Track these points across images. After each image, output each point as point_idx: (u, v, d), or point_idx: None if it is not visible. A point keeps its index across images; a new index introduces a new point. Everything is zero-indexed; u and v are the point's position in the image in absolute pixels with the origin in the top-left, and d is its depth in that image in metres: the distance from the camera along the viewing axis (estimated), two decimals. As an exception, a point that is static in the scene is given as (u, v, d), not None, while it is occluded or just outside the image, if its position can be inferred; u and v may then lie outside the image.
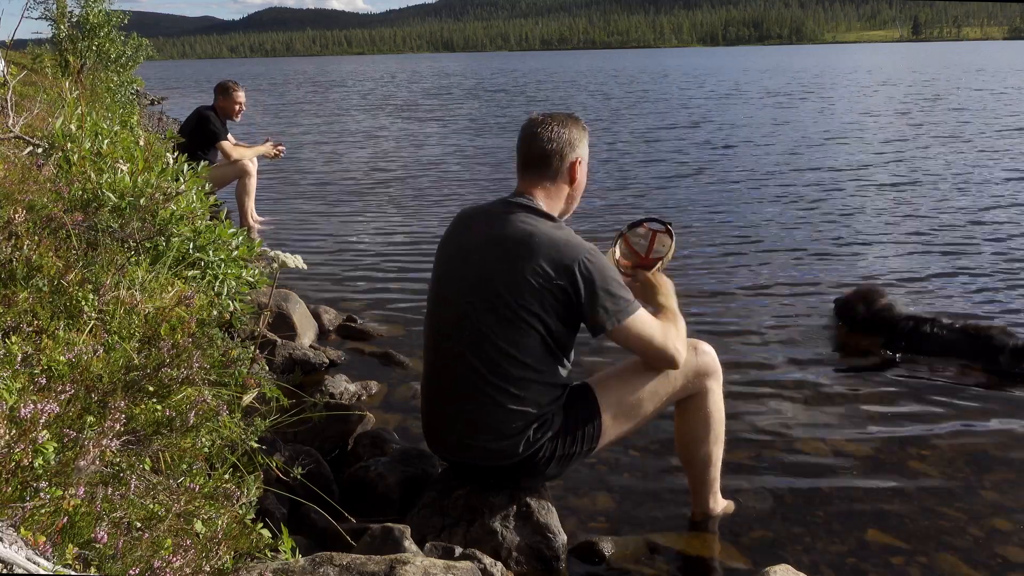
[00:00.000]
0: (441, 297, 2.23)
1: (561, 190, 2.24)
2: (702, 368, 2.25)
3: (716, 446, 2.32)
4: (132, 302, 2.16)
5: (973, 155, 9.74)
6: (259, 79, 45.46)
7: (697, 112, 16.85)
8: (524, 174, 2.25)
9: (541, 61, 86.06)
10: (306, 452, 2.48)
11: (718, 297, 4.59)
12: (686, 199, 7.56)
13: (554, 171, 2.22)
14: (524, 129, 2.26)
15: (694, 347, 2.26)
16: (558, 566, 2.13)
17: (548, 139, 2.20)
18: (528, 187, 2.22)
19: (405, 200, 7.91)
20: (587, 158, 2.30)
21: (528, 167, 2.24)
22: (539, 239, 2.07)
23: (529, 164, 2.24)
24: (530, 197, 2.19)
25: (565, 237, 2.10)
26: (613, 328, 2.09)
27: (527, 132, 2.25)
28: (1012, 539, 2.32)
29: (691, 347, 2.25)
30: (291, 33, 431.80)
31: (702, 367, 2.25)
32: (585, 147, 2.28)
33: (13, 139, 3.67)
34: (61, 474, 1.28)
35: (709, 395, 2.28)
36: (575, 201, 2.30)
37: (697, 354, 2.25)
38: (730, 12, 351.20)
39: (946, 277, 4.92)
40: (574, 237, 2.13)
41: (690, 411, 2.30)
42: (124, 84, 11.27)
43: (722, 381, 2.32)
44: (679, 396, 2.27)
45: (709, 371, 2.27)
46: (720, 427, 2.32)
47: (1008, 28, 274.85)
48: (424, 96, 25.59)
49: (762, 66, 47.50)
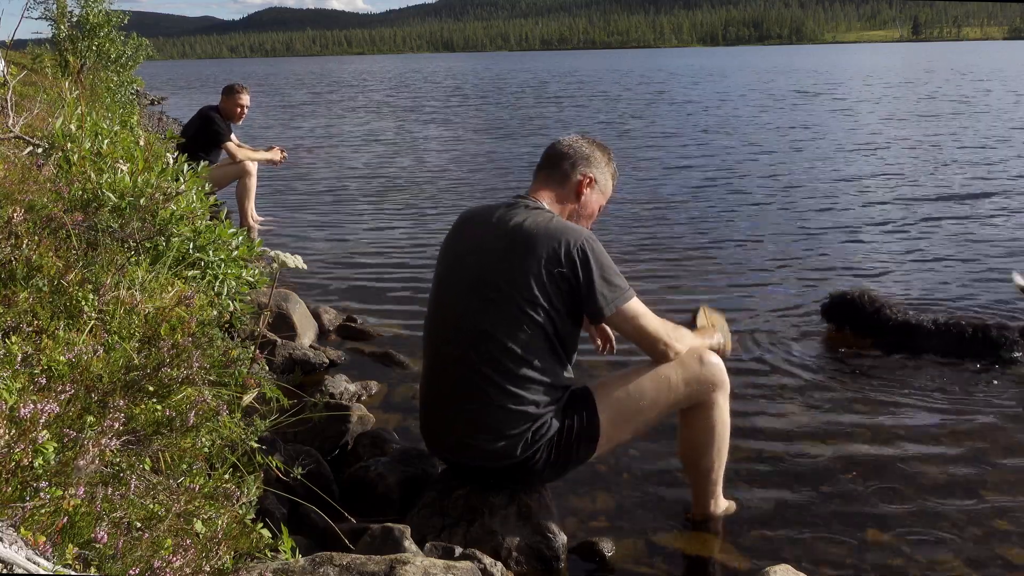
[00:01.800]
0: (441, 299, 2.23)
1: (565, 203, 2.25)
2: (707, 379, 2.21)
3: (719, 455, 2.30)
4: (132, 302, 2.16)
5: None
6: (258, 79, 45.43)
7: (715, 116, 16.78)
8: (536, 177, 2.31)
9: (542, 61, 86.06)
10: (306, 452, 2.48)
11: (717, 297, 4.60)
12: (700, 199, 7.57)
13: (562, 176, 2.24)
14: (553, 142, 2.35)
15: (699, 357, 2.22)
16: (558, 566, 2.13)
17: (567, 146, 2.28)
18: (535, 190, 2.26)
19: (405, 200, 7.91)
20: (605, 188, 2.32)
21: (540, 169, 2.30)
22: (538, 230, 2.08)
23: (542, 166, 2.29)
24: (533, 199, 2.21)
25: (563, 225, 2.11)
26: (612, 313, 2.09)
27: (552, 142, 2.34)
28: (1012, 539, 2.32)
29: (696, 357, 2.22)
30: (291, 33, 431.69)
31: (707, 378, 2.21)
32: (604, 174, 2.30)
33: (13, 139, 3.67)
34: (61, 474, 1.28)
35: (714, 407, 2.24)
36: (580, 221, 2.28)
37: (703, 365, 2.21)
38: (730, 12, 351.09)
39: (941, 276, 4.93)
40: (572, 225, 2.14)
41: (695, 421, 2.27)
42: (124, 84, 11.28)
43: (729, 392, 2.28)
44: (682, 405, 2.25)
45: (715, 382, 2.23)
46: (725, 438, 2.29)
47: (1008, 28, 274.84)
48: (425, 97, 25.60)
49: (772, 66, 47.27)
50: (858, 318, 3.93)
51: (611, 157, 2.34)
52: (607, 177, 2.32)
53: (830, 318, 4.04)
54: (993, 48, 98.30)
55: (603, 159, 2.30)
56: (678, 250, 5.67)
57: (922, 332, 3.76)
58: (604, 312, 2.09)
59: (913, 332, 3.78)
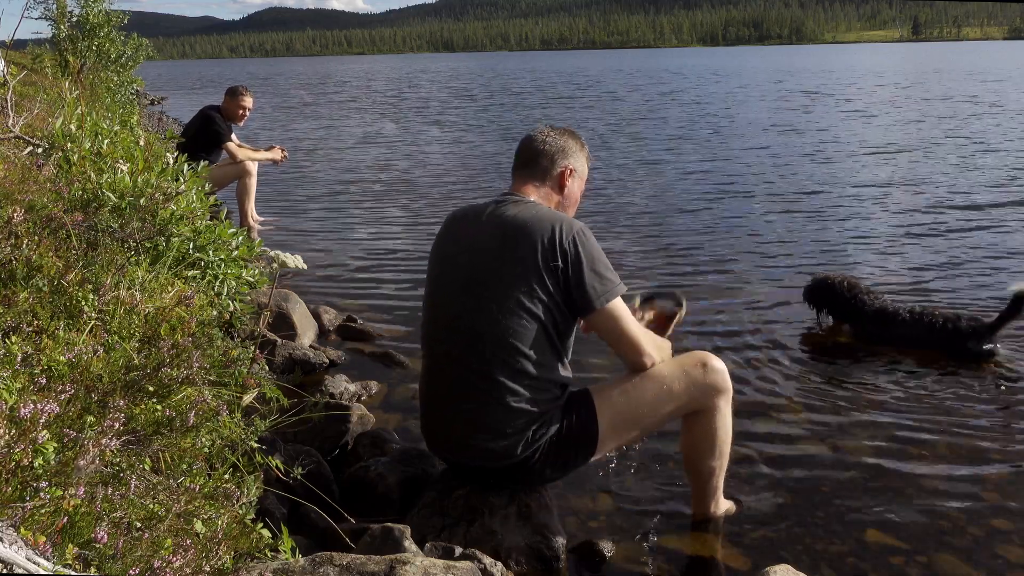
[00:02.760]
0: (435, 300, 2.24)
1: (550, 196, 2.28)
2: (711, 385, 2.21)
3: (721, 459, 2.30)
4: (132, 302, 2.16)
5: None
6: (259, 79, 45.42)
7: (722, 113, 16.71)
8: (515, 175, 2.32)
9: (543, 61, 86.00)
10: (306, 452, 2.48)
11: (717, 296, 4.60)
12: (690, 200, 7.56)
13: (542, 172, 2.27)
14: (524, 137, 2.36)
15: (703, 363, 2.21)
16: (558, 566, 2.13)
17: (541, 141, 2.30)
18: (518, 187, 2.28)
19: (405, 200, 7.91)
20: (583, 173, 2.35)
21: (519, 167, 2.31)
22: (530, 223, 2.09)
23: (520, 164, 2.31)
24: (519, 195, 2.22)
25: (555, 217, 2.12)
26: (599, 308, 2.08)
27: (524, 137, 2.35)
28: (1012, 539, 2.33)
29: (700, 363, 2.21)
30: (291, 33, 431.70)
31: (711, 385, 2.21)
32: (580, 161, 2.33)
33: (13, 139, 3.67)
34: (61, 474, 1.28)
35: (717, 413, 2.24)
36: (567, 212, 2.31)
37: (707, 372, 2.20)
38: (730, 12, 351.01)
39: (935, 270, 4.93)
40: (564, 216, 2.15)
41: (697, 427, 2.27)
42: (124, 84, 11.27)
43: (731, 398, 2.28)
44: (683, 412, 2.24)
45: (719, 389, 2.22)
46: (726, 443, 2.29)
47: (1008, 28, 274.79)
48: (427, 97, 25.60)
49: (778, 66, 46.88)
50: (836, 302, 3.98)
51: (583, 142, 2.37)
52: (583, 163, 2.35)
53: (810, 300, 4.10)
54: (994, 48, 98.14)
55: (576, 146, 2.33)
56: (692, 257, 5.62)
57: (897, 320, 3.81)
58: (594, 305, 2.08)
59: (889, 320, 3.83)
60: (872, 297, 3.93)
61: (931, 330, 3.71)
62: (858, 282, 4.04)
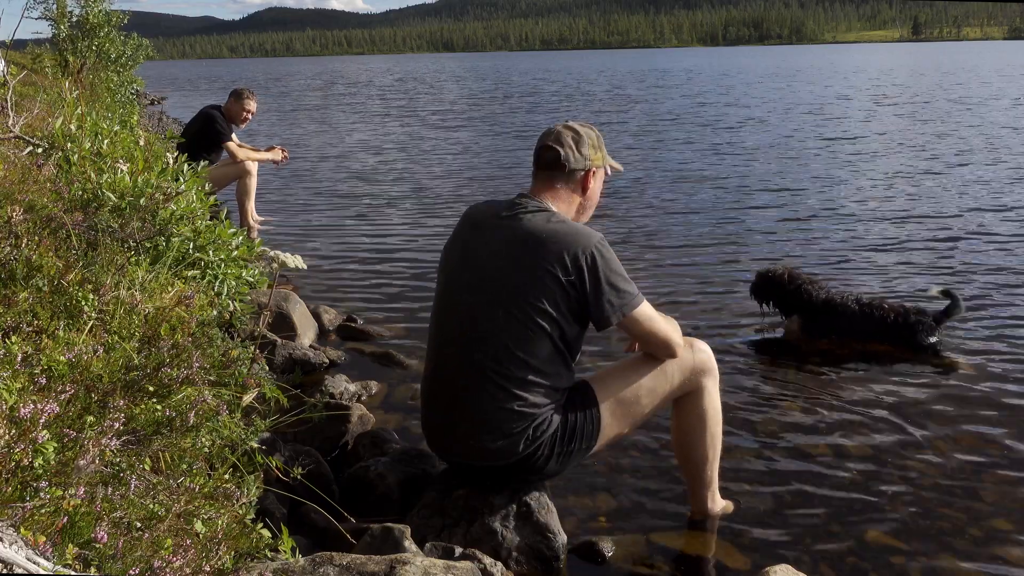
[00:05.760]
0: (448, 300, 2.23)
1: (572, 197, 2.24)
2: (699, 366, 2.26)
3: (712, 445, 2.32)
4: (132, 302, 2.16)
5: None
6: (260, 79, 45.41)
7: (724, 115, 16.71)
8: (536, 177, 2.27)
9: (544, 61, 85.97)
10: (306, 452, 2.48)
11: (715, 297, 4.60)
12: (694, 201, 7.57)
13: (566, 175, 2.22)
14: (542, 134, 2.29)
15: (690, 344, 2.27)
16: (558, 566, 2.13)
17: (560, 141, 2.22)
18: (537, 190, 2.23)
19: (405, 200, 7.90)
20: (604, 171, 2.31)
21: (540, 169, 2.25)
22: (547, 237, 2.07)
23: (542, 165, 2.24)
24: (538, 200, 2.19)
25: (573, 230, 2.10)
26: (619, 320, 2.11)
27: (543, 136, 2.27)
28: (1012, 539, 2.33)
29: (688, 344, 2.26)
30: (291, 33, 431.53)
31: (699, 365, 2.26)
32: (601, 158, 2.28)
33: (13, 139, 3.67)
34: (61, 474, 1.28)
35: (705, 393, 2.28)
36: (587, 212, 2.30)
37: (694, 351, 2.26)
38: (730, 12, 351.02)
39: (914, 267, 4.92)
40: (582, 228, 2.13)
41: (686, 409, 2.30)
42: (124, 84, 11.29)
43: (718, 380, 2.32)
44: (677, 393, 2.28)
45: (705, 369, 2.27)
46: (717, 426, 2.32)
47: (1008, 28, 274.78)
48: (427, 98, 25.59)
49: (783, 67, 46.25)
50: (780, 295, 3.98)
51: (599, 135, 2.31)
52: (603, 159, 2.30)
53: (755, 295, 4.08)
54: (995, 48, 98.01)
55: (597, 143, 2.27)
56: (693, 257, 5.65)
57: (847, 313, 3.82)
58: (611, 320, 2.10)
59: (837, 312, 3.84)
60: (817, 288, 3.92)
61: (881, 324, 3.76)
62: (800, 274, 4.03)
